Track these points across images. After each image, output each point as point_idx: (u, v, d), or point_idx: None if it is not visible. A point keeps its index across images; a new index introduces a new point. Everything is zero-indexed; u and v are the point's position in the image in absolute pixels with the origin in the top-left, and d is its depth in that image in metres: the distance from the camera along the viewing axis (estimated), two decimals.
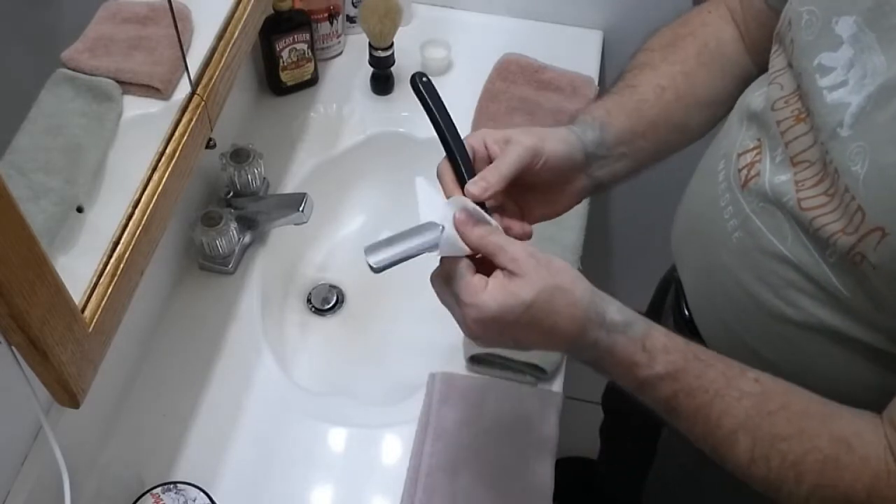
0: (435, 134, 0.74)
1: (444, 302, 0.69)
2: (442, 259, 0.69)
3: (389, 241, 0.69)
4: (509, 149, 0.73)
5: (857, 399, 0.71)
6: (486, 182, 0.70)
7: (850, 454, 0.64)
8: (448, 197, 0.71)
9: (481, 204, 0.70)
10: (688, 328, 0.90)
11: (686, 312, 0.90)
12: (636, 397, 0.69)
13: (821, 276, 0.69)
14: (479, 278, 0.66)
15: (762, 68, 0.82)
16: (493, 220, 0.70)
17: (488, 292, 0.64)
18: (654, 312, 1.12)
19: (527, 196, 0.77)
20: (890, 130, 0.62)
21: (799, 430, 0.65)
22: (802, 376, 0.75)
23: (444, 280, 0.68)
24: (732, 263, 0.78)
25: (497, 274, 0.66)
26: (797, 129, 0.72)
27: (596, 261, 1.52)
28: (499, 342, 0.68)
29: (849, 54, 0.67)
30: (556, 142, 0.76)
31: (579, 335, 0.66)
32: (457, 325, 0.69)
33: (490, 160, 0.73)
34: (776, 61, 0.77)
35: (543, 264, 0.65)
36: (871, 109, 0.64)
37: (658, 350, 0.66)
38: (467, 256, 0.68)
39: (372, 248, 0.69)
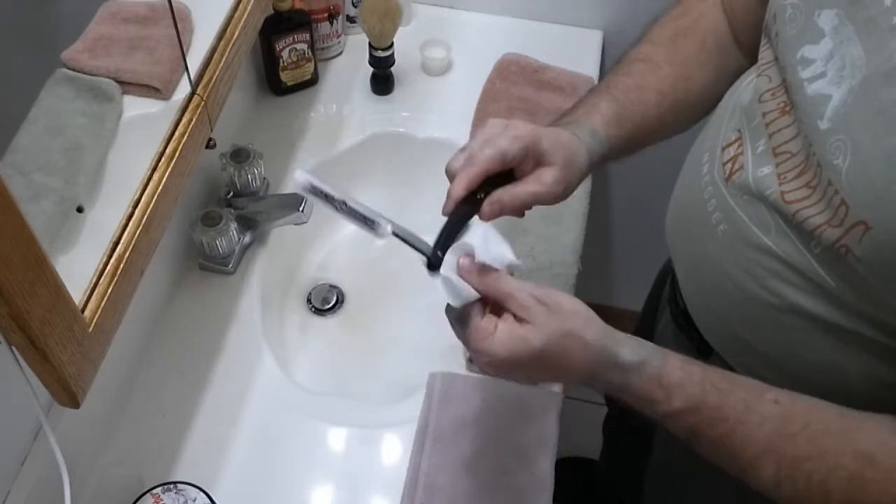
0: (436, 135, 0.74)
1: (459, 338, 0.70)
2: (447, 310, 0.69)
3: (333, 186, 0.68)
4: (536, 185, 0.73)
5: (850, 390, 0.71)
6: (500, 211, 0.72)
7: (875, 468, 0.63)
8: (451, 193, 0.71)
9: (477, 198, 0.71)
10: (683, 319, 0.90)
11: (681, 304, 0.90)
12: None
13: (806, 266, 0.70)
14: (487, 321, 0.66)
15: (751, 60, 0.83)
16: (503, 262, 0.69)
17: (497, 338, 0.65)
18: (652, 306, 1.13)
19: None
20: (872, 125, 0.62)
21: (822, 449, 0.65)
22: (794, 367, 0.76)
23: (457, 321, 0.68)
24: (719, 255, 0.78)
25: (507, 317, 0.66)
26: (781, 121, 0.72)
27: (596, 259, 1.52)
28: (510, 375, 0.69)
29: (829, 46, 0.67)
30: (575, 187, 0.77)
31: (590, 376, 0.67)
32: None
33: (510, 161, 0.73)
34: (764, 54, 0.78)
35: (554, 309, 0.65)
36: (851, 102, 0.64)
37: (675, 385, 0.66)
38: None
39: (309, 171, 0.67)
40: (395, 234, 0.70)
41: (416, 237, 0.70)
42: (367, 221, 0.69)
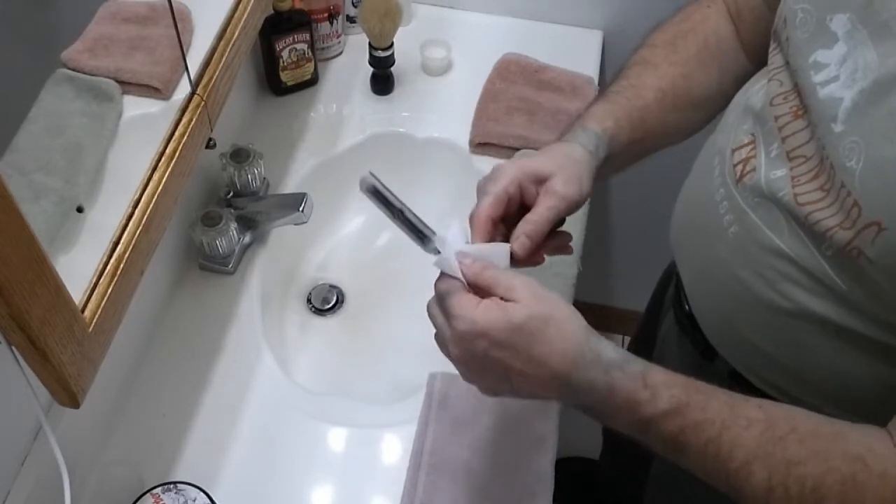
0: (436, 135, 0.74)
1: (435, 323, 0.69)
2: (437, 281, 0.68)
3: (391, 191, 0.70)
4: (547, 199, 0.73)
5: (857, 393, 0.71)
6: (529, 240, 0.71)
7: (868, 472, 0.62)
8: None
9: None
10: (688, 322, 0.90)
11: (686, 307, 0.90)
12: (637, 440, 0.67)
13: (817, 269, 0.70)
14: (472, 297, 0.66)
15: (757, 65, 0.83)
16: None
17: (479, 308, 0.64)
18: (655, 307, 1.13)
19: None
20: (885, 126, 0.62)
21: (812, 451, 0.63)
22: (802, 370, 0.76)
23: (438, 299, 0.68)
24: (729, 258, 0.78)
25: (493, 297, 0.66)
26: (795, 124, 0.72)
27: (596, 259, 1.52)
28: (483, 367, 0.66)
29: (843, 51, 0.67)
30: (588, 181, 0.76)
31: (568, 372, 0.64)
32: None
33: (523, 200, 0.74)
34: (775, 59, 0.78)
35: (540, 294, 0.65)
36: (864, 105, 0.64)
37: (659, 385, 0.64)
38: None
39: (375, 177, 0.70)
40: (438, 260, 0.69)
41: (458, 269, 0.69)
42: (419, 235, 0.70)
